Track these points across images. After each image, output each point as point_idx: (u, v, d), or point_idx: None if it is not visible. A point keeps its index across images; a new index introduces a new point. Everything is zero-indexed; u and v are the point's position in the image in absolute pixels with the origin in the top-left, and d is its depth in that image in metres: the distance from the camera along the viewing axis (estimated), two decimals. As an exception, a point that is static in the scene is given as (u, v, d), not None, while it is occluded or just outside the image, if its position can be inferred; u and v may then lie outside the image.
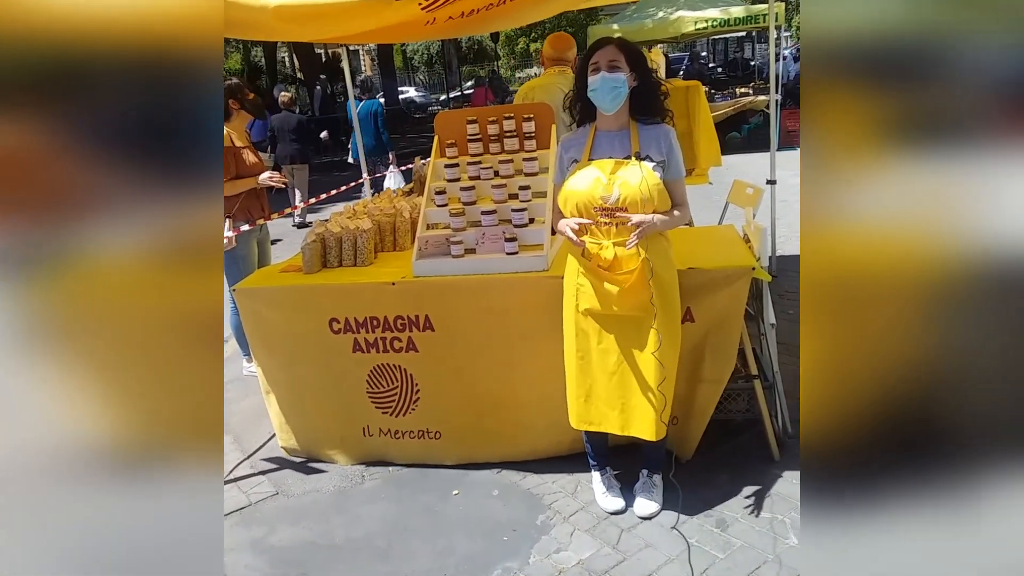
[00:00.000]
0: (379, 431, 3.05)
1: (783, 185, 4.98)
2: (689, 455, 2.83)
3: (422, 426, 3.00)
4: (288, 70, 25.85)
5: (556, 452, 2.92)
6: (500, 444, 2.95)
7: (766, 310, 2.84)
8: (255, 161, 3.88)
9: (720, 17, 10.96)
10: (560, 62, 3.70)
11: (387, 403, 3.00)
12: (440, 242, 2.90)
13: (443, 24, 3.33)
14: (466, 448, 2.98)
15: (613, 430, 2.48)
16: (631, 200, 2.26)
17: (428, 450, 3.02)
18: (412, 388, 2.96)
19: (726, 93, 12.39)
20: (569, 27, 23.52)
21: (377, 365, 2.96)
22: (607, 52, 2.30)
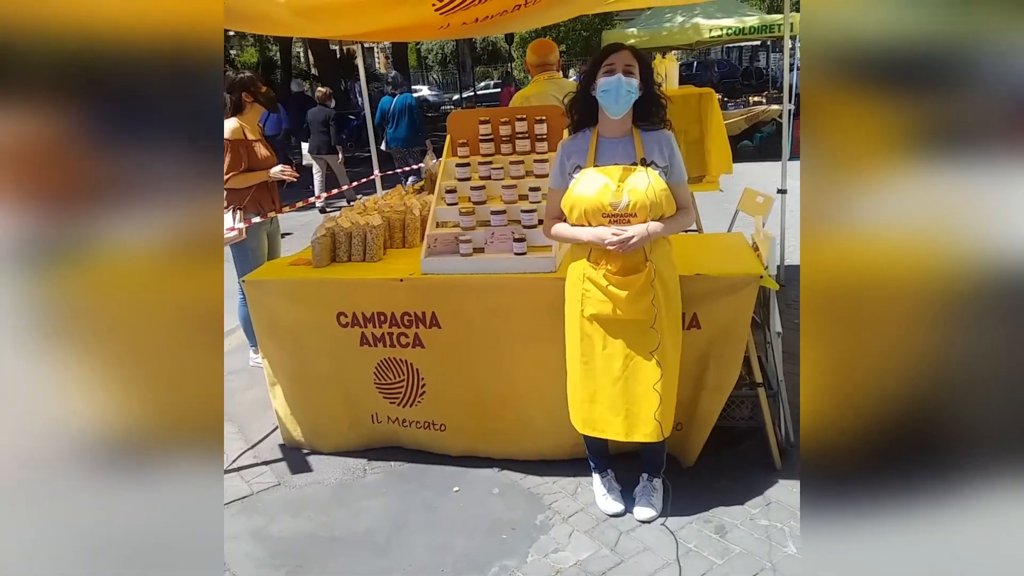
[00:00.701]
0: (387, 418, 3.10)
1: (794, 195, 4.96)
2: (691, 462, 2.83)
3: (428, 418, 3.04)
4: (303, 65, 25.96)
5: (557, 455, 2.93)
6: (502, 442, 2.97)
7: (772, 319, 2.84)
8: (267, 154, 3.91)
9: (735, 26, 10.96)
10: (545, 67, 3.76)
11: (394, 394, 3.05)
12: (449, 241, 2.91)
13: (457, 28, 3.35)
14: (469, 443, 3.02)
15: (618, 436, 2.47)
16: (640, 205, 2.27)
17: (433, 440, 3.07)
18: (418, 382, 2.99)
19: (739, 101, 12.37)
20: (584, 31, 23.55)
21: (384, 359, 2.98)
22: (624, 56, 2.31)
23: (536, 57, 3.79)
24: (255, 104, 3.87)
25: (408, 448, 3.13)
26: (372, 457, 3.13)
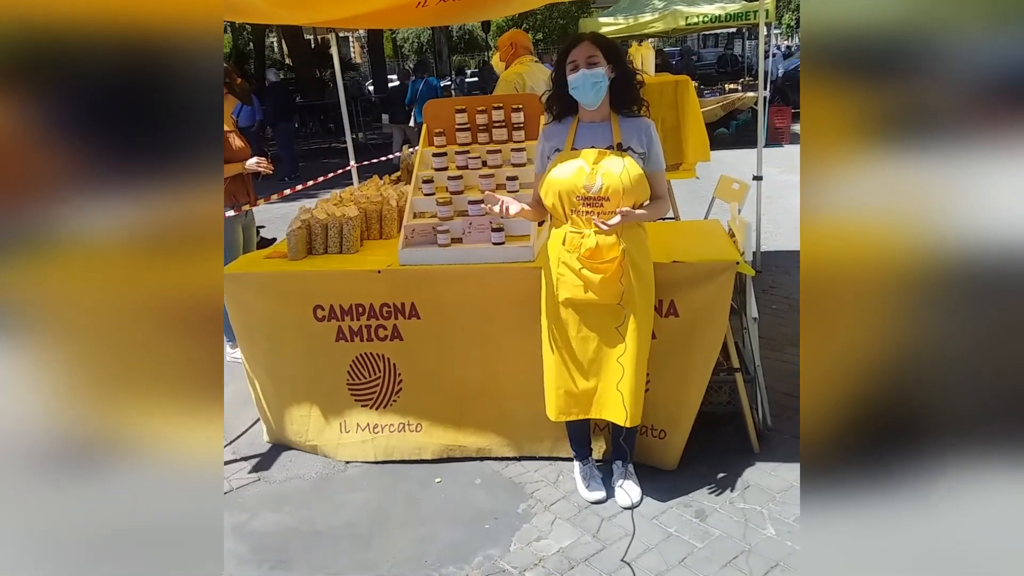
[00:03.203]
0: (356, 427, 3.02)
1: (769, 181, 5.02)
2: (673, 466, 2.77)
3: (403, 419, 2.98)
4: (277, 55, 25.57)
5: (536, 452, 2.91)
6: (482, 435, 2.93)
7: (749, 304, 2.86)
8: (241, 146, 3.85)
9: (712, 13, 10.98)
10: (528, 51, 4.23)
11: (367, 395, 2.99)
12: (427, 231, 2.90)
13: (434, 8, 3.32)
14: (447, 438, 2.96)
15: (592, 415, 2.52)
16: (613, 190, 2.27)
17: (407, 444, 2.99)
18: (395, 379, 2.95)
19: (715, 89, 12.43)
20: (560, 19, 23.48)
21: (360, 355, 2.95)
22: (584, 49, 2.31)
23: (525, 39, 4.28)
24: (228, 95, 3.81)
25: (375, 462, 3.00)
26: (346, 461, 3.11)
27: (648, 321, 2.47)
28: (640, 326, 2.40)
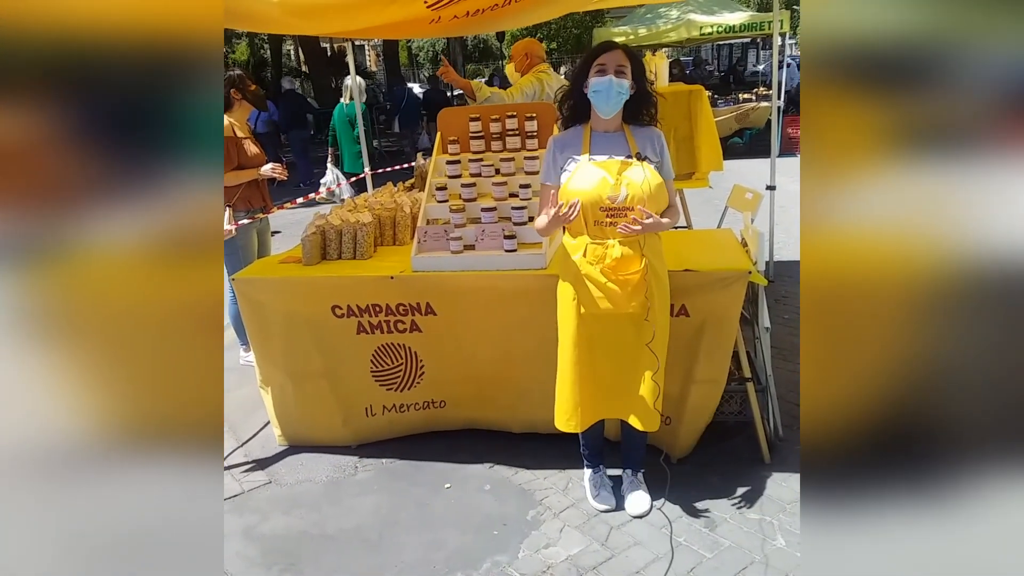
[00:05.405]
0: (383, 408, 3.13)
1: (782, 191, 5.00)
2: (682, 454, 2.86)
3: (428, 398, 3.12)
4: (294, 63, 25.83)
5: (548, 429, 2.87)
6: (501, 411, 3.08)
7: (761, 314, 2.86)
8: (256, 152, 3.89)
9: (727, 23, 10.99)
10: (543, 61, 4.28)
11: (392, 380, 3.08)
12: (439, 234, 2.91)
13: (448, 23, 3.35)
14: (469, 412, 3.13)
15: (612, 415, 2.53)
16: (638, 199, 2.27)
17: (433, 417, 3.15)
18: (417, 364, 3.05)
19: (728, 98, 12.41)
20: (575, 29, 23.53)
21: (382, 345, 3.02)
22: (616, 56, 2.31)
23: (539, 48, 4.32)
24: (243, 101, 3.86)
25: (402, 438, 3.16)
26: (363, 454, 3.13)
27: (666, 331, 2.46)
28: (659, 336, 2.40)
